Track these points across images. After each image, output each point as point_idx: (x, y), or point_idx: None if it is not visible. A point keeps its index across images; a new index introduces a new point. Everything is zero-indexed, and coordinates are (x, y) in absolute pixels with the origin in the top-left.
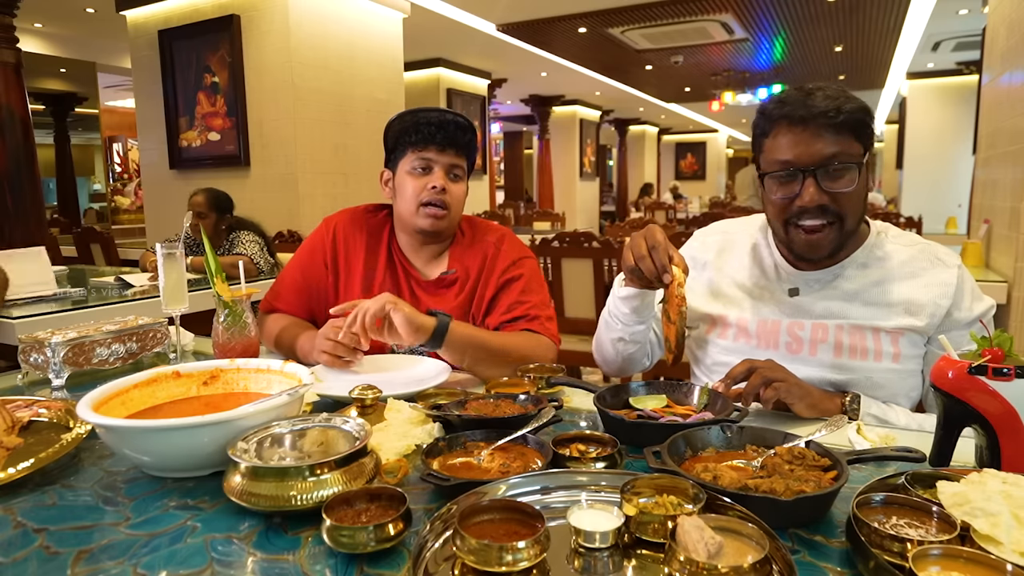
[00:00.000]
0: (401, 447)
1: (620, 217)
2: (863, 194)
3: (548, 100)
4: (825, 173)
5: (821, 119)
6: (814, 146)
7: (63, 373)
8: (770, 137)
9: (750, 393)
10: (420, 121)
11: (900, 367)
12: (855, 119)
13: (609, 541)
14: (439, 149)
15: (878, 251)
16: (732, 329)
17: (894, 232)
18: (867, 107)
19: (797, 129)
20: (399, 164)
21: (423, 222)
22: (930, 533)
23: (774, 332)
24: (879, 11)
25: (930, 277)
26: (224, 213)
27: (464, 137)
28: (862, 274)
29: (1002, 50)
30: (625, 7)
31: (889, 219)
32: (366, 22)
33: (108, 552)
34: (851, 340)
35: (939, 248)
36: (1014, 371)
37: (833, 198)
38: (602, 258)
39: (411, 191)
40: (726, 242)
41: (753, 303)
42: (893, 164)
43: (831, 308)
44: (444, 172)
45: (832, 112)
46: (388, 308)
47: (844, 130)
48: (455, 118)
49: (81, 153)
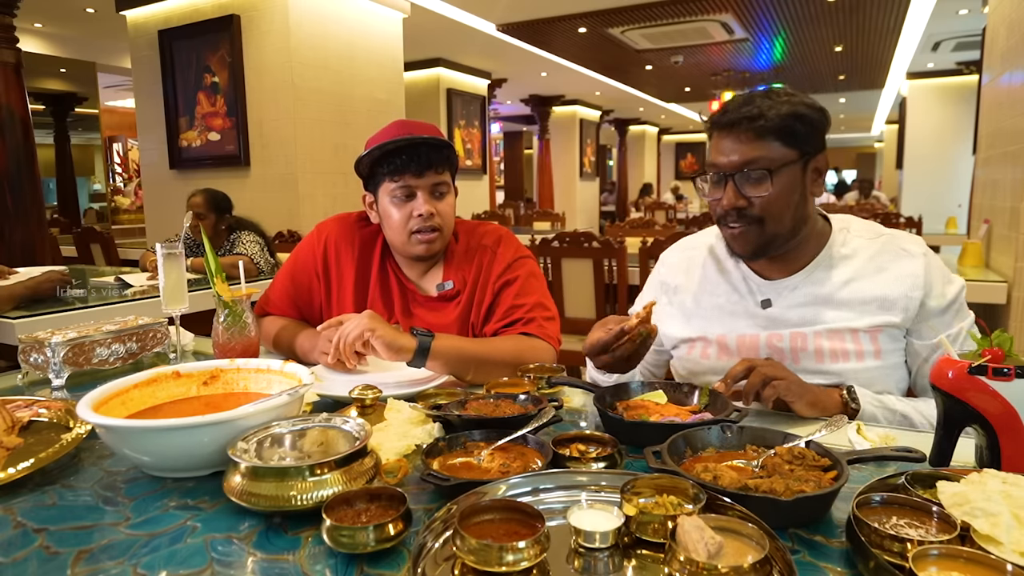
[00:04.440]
0: (401, 447)
1: (620, 217)
2: (792, 198)
3: (548, 100)
4: (743, 177)
5: (743, 124)
6: (733, 151)
7: (63, 373)
8: (710, 141)
9: (750, 392)
10: (389, 151)
11: (883, 363)
12: (780, 125)
13: (609, 541)
14: (416, 174)
15: (843, 249)
16: (713, 347)
17: (856, 226)
18: (801, 112)
19: (723, 135)
20: (379, 191)
21: (417, 249)
22: (930, 533)
23: (754, 346)
24: (879, 11)
25: (898, 270)
26: (223, 213)
27: (440, 155)
28: (830, 275)
29: (1002, 50)
30: (625, 7)
31: (889, 219)
32: (366, 22)
33: (108, 552)
34: (831, 344)
35: (903, 238)
36: (1014, 371)
37: (751, 202)
38: (602, 258)
39: (397, 220)
40: (690, 260)
41: (729, 319)
42: (893, 164)
43: (805, 315)
44: (428, 194)
45: (753, 117)
46: (367, 336)
47: (767, 135)
48: (426, 140)
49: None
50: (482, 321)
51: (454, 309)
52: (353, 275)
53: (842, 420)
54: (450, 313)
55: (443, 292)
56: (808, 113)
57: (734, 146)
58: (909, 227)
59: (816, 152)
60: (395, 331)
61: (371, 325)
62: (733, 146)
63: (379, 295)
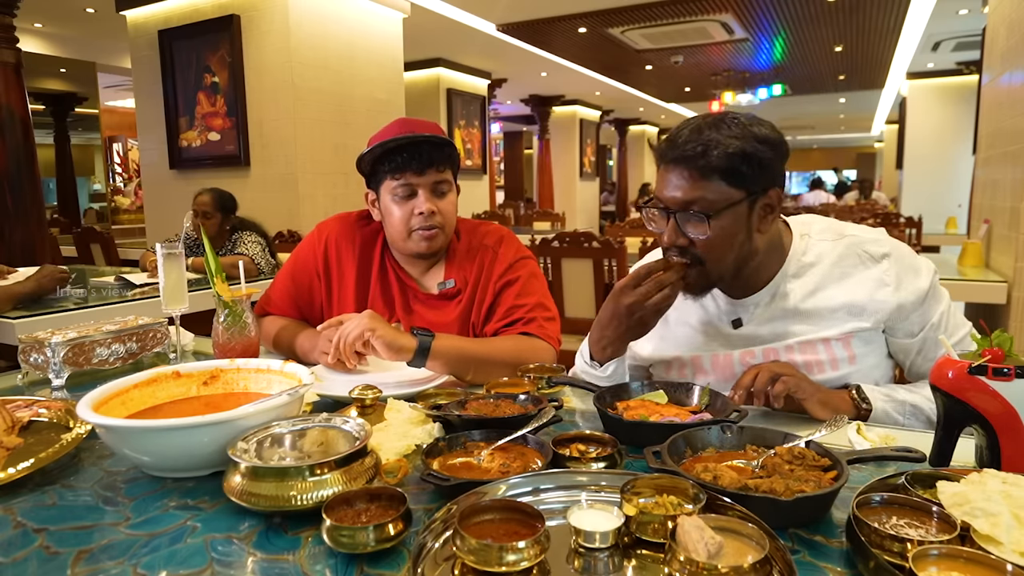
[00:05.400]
0: (401, 447)
1: (620, 217)
2: (735, 239)
3: (548, 100)
4: (684, 216)
5: (687, 163)
6: (676, 188)
7: (63, 373)
8: (658, 171)
9: (760, 390)
10: (390, 148)
11: (858, 367)
12: (725, 165)
13: (609, 541)
14: (417, 172)
15: (805, 257)
16: (688, 368)
17: (817, 228)
18: (749, 151)
19: (669, 168)
20: (380, 188)
21: (418, 246)
22: (930, 533)
23: (728, 365)
24: (879, 11)
25: (862, 274)
26: (229, 214)
27: (442, 153)
28: (797, 285)
29: (1002, 50)
30: (625, 7)
31: (889, 219)
32: (366, 22)
33: (108, 552)
34: (804, 357)
35: (865, 239)
36: (1014, 371)
37: (692, 242)
38: (602, 258)
39: (398, 217)
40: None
41: (703, 340)
42: (893, 164)
43: (776, 330)
44: (429, 192)
45: (697, 156)
46: (367, 336)
47: (711, 175)
48: (427, 138)
49: (81, 153)
50: (483, 321)
51: (455, 308)
52: (354, 273)
53: (842, 420)
54: (451, 312)
55: (444, 290)
56: (757, 151)
57: (677, 182)
58: (909, 227)
59: (766, 189)
60: (395, 331)
61: (371, 325)
62: (677, 182)
63: (379, 293)
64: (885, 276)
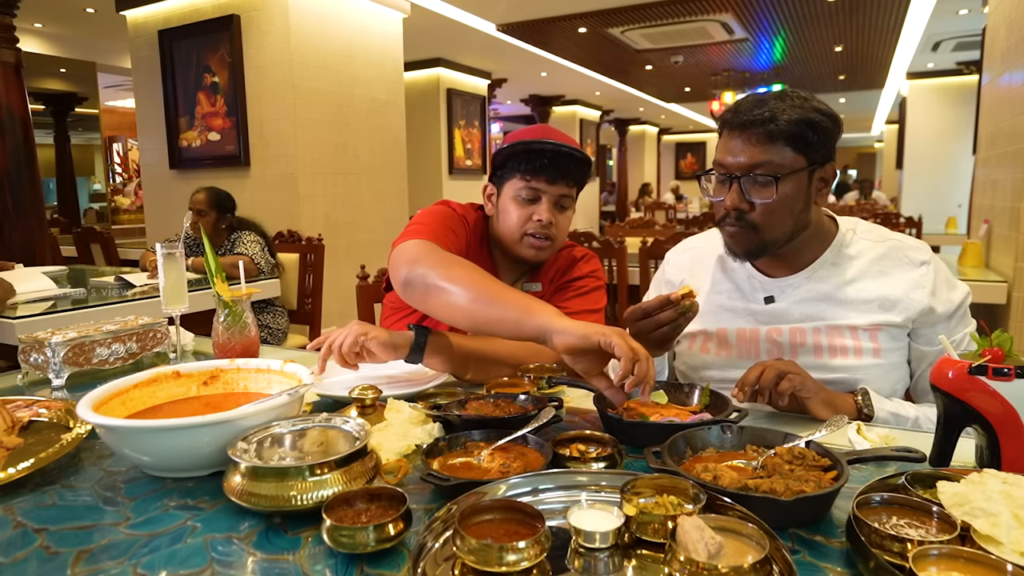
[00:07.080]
0: (401, 447)
1: (620, 217)
2: (795, 206)
3: (548, 100)
4: (749, 180)
5: (755, 127)
6: (742, 153)
7: (63, 373)
8: (720, 140)
9: (765, 387)
10: (532, 150)
11: (883, 361)
12: (792, 130)
13: (609, 541)
14: (549, 181)
15: (848, 249)
16: (712, 342)
17: (863, 228)
18: (815, 119)
19: (734, 134)
20: (505, 184)
21: (526, 252)
22: (930, 533)
23: (753, 341)
24: (879, 11)
25: (901, 274)
26: (225, 212)
27: (579, 170)
28: (834, 273)
29: (1002, 50)
30: (625, 7)
31: (889, 219)
32: (366, 22)
33: (108, 552)
34: (830, 340)
35: (908, 244)
36: (1014, 371)
37: (753, 206)
38: (602, 258)
39: (515, 218)
40: (695, 258)
41: (730, 315)
42: (893, 164)
43: (807, 311)
44: (552, 203)
45: (766, 120)
46: (361, 340)
47: (778, 140)
48: (571, 151)
49: (81, 153)
50: None
51: None
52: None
53: (842, 420)
54: None
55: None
56: (821, 121)
57: (743, 147)
58: (909, 227)
59: (824, 161)
60: (387, 331)
61: (362, 330)
62: (742, 147)
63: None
64: (923, 279)
